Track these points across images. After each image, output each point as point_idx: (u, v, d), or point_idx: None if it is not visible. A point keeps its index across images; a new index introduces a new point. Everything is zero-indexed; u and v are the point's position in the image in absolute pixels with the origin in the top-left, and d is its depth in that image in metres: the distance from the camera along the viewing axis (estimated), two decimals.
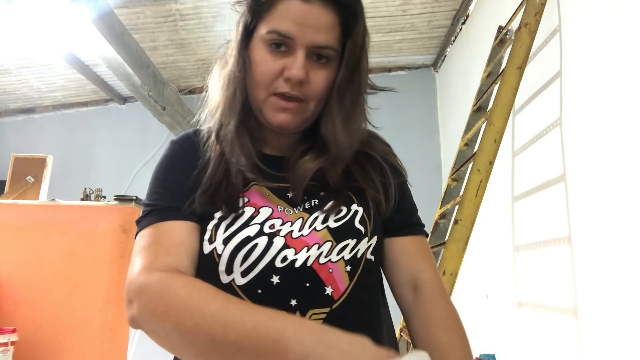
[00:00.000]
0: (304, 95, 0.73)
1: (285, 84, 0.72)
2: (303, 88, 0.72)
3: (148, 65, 3.13)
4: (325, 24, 0.71)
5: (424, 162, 3.71)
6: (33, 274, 2.14)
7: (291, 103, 0.73)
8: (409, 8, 3.15)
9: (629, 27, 1.40)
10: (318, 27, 0.70)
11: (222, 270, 0.70)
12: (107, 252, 2.15)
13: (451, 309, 0.79)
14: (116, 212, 2.20)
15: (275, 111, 0.74)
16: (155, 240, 0.69)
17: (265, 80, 0.72)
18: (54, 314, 2.09)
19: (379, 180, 0.80)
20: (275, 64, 0.71)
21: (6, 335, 1.92)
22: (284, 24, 0.70)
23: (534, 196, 2.03)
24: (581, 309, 1.62)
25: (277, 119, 0.74)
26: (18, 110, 4.29)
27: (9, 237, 2.18)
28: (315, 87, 0.73)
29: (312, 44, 0.71)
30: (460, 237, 1.56)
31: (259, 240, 0.70)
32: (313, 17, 0.70)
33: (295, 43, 0.70)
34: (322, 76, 0.73)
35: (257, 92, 0.74)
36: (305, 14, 0.70)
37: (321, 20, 0.70)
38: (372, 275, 0.76)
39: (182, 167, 0.77)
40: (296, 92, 0.72)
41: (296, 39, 0.70)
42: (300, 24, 0.70)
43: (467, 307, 2.93)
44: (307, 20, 0.70)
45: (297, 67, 0.70)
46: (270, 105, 0.74)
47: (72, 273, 2.14)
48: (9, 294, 2.11)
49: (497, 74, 1.96)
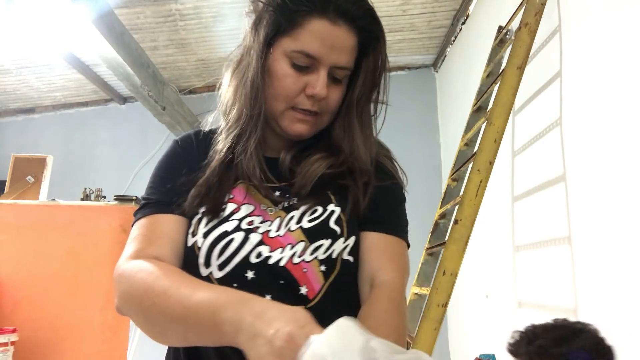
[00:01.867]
0: (320, 110, 0.78)
1: (306, 100, 0.76)
2: (320, 103, 0.77)
3: (148, 65, 3.13)
4: (349, 46, 0.76)
5: (424, 162, 3.70)
6: (33, 274, 2.14)
7: (309, 117, 0.78)
8: (409, 8, 3.15)
9: (629, 27, 1.40)
10: (342, 49, 0.75)
11: (201, 262, 0.73)
12: (107, 252, 2.15)
13: (395, 314, 0.71)
14: (116, 212, 2.20)
15: (292, 122, 0.78)
16: (142, 232, 0.74)
17: (287, 94, 0.76)
18: (54, 314, 2.09)
19: (361, 182, 0.80)
20: (299, 80, 0.75)
21: (6, 335, 1.92)
22: (313, 45, 0.73)
23: (534, 196, 2.03)
24: (581, 309, 1.62)
25: (295, 129, 0.78)
26: (18, 110, 4.29)
27: (9, 237, 2.18)
28: (332, 103, 0.78)
29: (335, 65, 0.75)
30: (460, 237, 1.56)
31: (236, 235, 0.73)
32: (340, 40, 0.74)
33: (319, 63, 0.74)
34: (337, 93, 0.78)
35: (276, 104, 0.77)
36: (333, 36, 0.73)
37: (346, 43, 0.75)
38: (351, 276, 0.76)
39: (179, 165, 0.80)
40: (316, 108, 0.77)
41: (322, 60, 0.74)
42: (327, 46, 0.73)
43: (467, 307, 2.93)
44: (335, 43, 0.74)
45: (321, 87, 0.74)
46: (288, 117, 0.78)
47: (72, 273, 2.14)
48: (9, 294, 2.11)
49: (497, 74, 1.96)
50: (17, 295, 2.11)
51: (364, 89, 0.81)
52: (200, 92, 4.14)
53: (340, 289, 0.74)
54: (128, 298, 0.65)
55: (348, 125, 0.81)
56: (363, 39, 0.78)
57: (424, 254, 1.98)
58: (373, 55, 0.80)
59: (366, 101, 0.82)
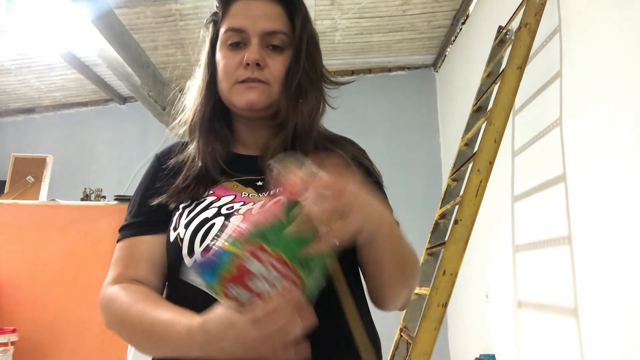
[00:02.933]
0: (264, 78, 0.80)
1: (245, 70, 0.79)
2: (263, 72, 0.79)
3: (148, 65, 3.14)
4: (271, 13, 0.81)
5: (424, 162, 3.70)
6: (33, 274, 2.14)
7: (254, 83, 0.80)
8: (409, 8, 3.15)
9: (629, 26, 1.40)
10: (265, 16, 0.81)
11: (185, 253, 0.74)
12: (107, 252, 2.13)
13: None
14: (116, 212, 2.20)
15: (241, 94, 0.80)
16: (121, 255, 0.80)
17: (228, 71, 0.81)
18: (54, 314, 2.09)
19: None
20: (235, 56, 0.80)
21: (6, 335, 1.92)
22: (236, 20, 0.81)
23: (534, 196, 2.03)
24: (581, 309, 1.62)
25: (244, 98, 0.80)
26: (18, 110, 4.29)
27: (9, 237, 2.19)
28: (275, 71, 0.80)
29: (263, 31, 0.80)
30: (460, 237, 1.56)
31: (216, 220, 0.74)
32: (259, 9, 0.81)
33: (248, 35, 0.80)
34: (278, 61, 0.81)
35: (224, 85, 0.82)
36: (252, 8, 0.81)
37: (267, 10, 0.81)
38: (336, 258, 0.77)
39: (154, 181, 0.84)
40: (256, 75, 0.79)
41: (248, 30, 0.80)
42: (249, 17, 0.80)
43: (467, 307, 2.93)
44: (255, 12, 0.81)
45: (251, 52, 0.79)
46: (236, 91, 0.81)
47: (72, 273, 2.14)
48: (9, 294, 2.11)
49: (497, 74, 1.96)
50: (17, 295, 2.11)
51: (293, 55, 0.82)
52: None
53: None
54: (109, 325, 0.73)
55: (290, 97, 0.82)
56: (288, 9, 0.83)
57: (424, 254, 1.98)
58: (295, 23, 0.83)
59: (295, 65, 0.82)
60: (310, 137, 0.83)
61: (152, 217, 0.80)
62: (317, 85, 0.85)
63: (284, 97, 0.81)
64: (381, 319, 0.86)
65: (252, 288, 0.53)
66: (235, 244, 0.52)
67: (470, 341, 2.91)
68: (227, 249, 0.52)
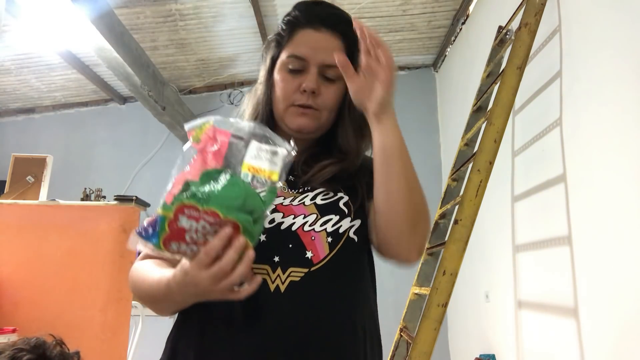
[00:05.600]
0: (317, 106, 0.87)
1: (301, 95, 0.87)
2: (316, 100, 0.87)
3: (148, 65, 3.13)
4: (332, 46, 0.87)
5: (424, 162, 3.70)
6: (33, 274, 2.14)
7: (308, 110, 0.87)
8: (409, 8, 3.15)
9: (629, 26, 1.40)
10: (327, 49, 0.86)
11: None
12: (107, 252, 2.15)
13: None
14: (116, 212, 2.20)
15: (294, 117, 0.88)
16: None
17: (285, 94, 0.88)
18: (54, 314, 2.09)
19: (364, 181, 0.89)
20: (294, 81, 0.88)
21: (6, 335, 1.92)
22: (299, 48, 0.88)
23: (534, 196, 2.03)
24: (581, 309, 1.62)
25: (297, 122, 0.88)
26: (18, 110, 4.29)
27: (9, 237, 2.18)
28: (327, 98, 0.88)
29: (322, 63, 0.87)
30: (460, 237, 1.56)
31: None
32: (323, 41, 0.88)
33: (309, 64, 0.87)
34: (331, 90, 0.88)
35: (279, 105, 0.89)
36: (316, 39, 0.88)
37: (329, 44, 0.87)
38: (354, 254, 0.83)
39: None
40: (311, 102, 0.87)
41: (309, 60, 0.87)
42: (312, 47, 0.87)
43: (467, 307, 2.93)
44: (318, 44, 0.87)
45: (309, 80, 0.86)
46: (290, 114, 0.89)
47: (72, 273, 2.14)
48: (9, 294, 2.11)
49: (497, 74, 1.96)
50: (17, 295, 2.11)
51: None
52: (200, 92, 4.14)
53: (342, 261, 0.80)
54: (131, 290, 0.84)
55: (343, 123, 0.91)
56: (348, 43, 0.88)
57: (424, 254, 1.98)
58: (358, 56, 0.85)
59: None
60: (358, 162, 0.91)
61: None
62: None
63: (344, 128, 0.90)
64: (381, 319, 0.87)
65: (189, 240, 0.61)
66: (165, 207, 0.60)
67: (470, 341, 2.91)
68: (160, 213, 0.61)
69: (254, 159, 0.67)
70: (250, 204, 0.62)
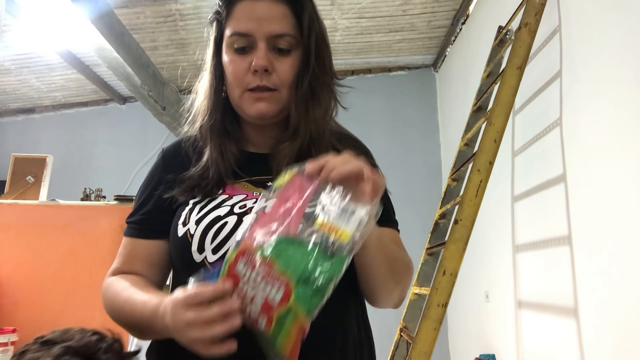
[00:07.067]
0: (273, 85, 0.78)
1: (254, 77, 0.77)
2: (271, 78, 0.77)
3: (148, 65, 3.13)
4: (277, 14, 0.77)
5: (424, 162, 3.70)
6: (33, 274, 2.14)
7: (264, 93, 0.78)
8: (409, 8, 3.15)
9: (629, 26, 1.40)
10: (271, 18, 0.77)
11: (195, 249, 0.75)
12: (107, 252, 2.14)
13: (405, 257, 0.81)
14: (116, 212, 2.20)
15: (251, 104, 0.79)
16: (122, 252, 0.85)
17: (236, 77, 0.79)
18: (54, 314, 2.08)
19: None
20: (243, 61, 0.78)
21: (6, 335, 1.92)
22: (241, 24, 0.78)
23: (534, 196, 2.03)
24: (581, 309, 1.62)
25: (255, 109, 0.79)
26: (18, 110, 4.29)
27: (9, 237, 2.18)
28: (283, 75, 0.78)
29: (270, 34, 0.77)
30: (460, 237, 1.56)
31: (229, 219, 0.75)
32: (264, 10, 0.77)
33: (255, 39, 0.77)
34: (287, 64, 0.78)
35: (233, 91, 0.80)
36: (256, 9, 0.77)
37: (272, 12, 0.77)
38: None
39: (160, 179, 0.84)
40: (265, 82, 0.77)
41: (255, 34, 0.77)
42: (254, 19, 0.77)
43: (467, 307, 2.93)
44: (260, 14, 0.77)
45: (259, 57, 0.76)
46: (246, 100, 0.79)
47: (72, 273, 2.13)
48: (9, 294, 2.11)
49: (497, 74, 1.96)
50: (17, 295, 2.11)
51: (303, 57, 0.80)
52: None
53: None
54: (106, 310, 0.80)
55: (300, 101, 0.80)
56: (294, 8, 0.79)
57: (424, 254, 1.98)
58: (302, 23, 0.79)
59: (305, 69, 0.79)
60: (325, 140, 0.82)
61: (151, 223, 0.82)
62: (329, 86, 0.83)
63: (295, 102, 0.79)
64: (381, 319, 0.87)
65: (239, 291, 0.58)
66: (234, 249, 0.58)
67: (470, 341, 2.91)
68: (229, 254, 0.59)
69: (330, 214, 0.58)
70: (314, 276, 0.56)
